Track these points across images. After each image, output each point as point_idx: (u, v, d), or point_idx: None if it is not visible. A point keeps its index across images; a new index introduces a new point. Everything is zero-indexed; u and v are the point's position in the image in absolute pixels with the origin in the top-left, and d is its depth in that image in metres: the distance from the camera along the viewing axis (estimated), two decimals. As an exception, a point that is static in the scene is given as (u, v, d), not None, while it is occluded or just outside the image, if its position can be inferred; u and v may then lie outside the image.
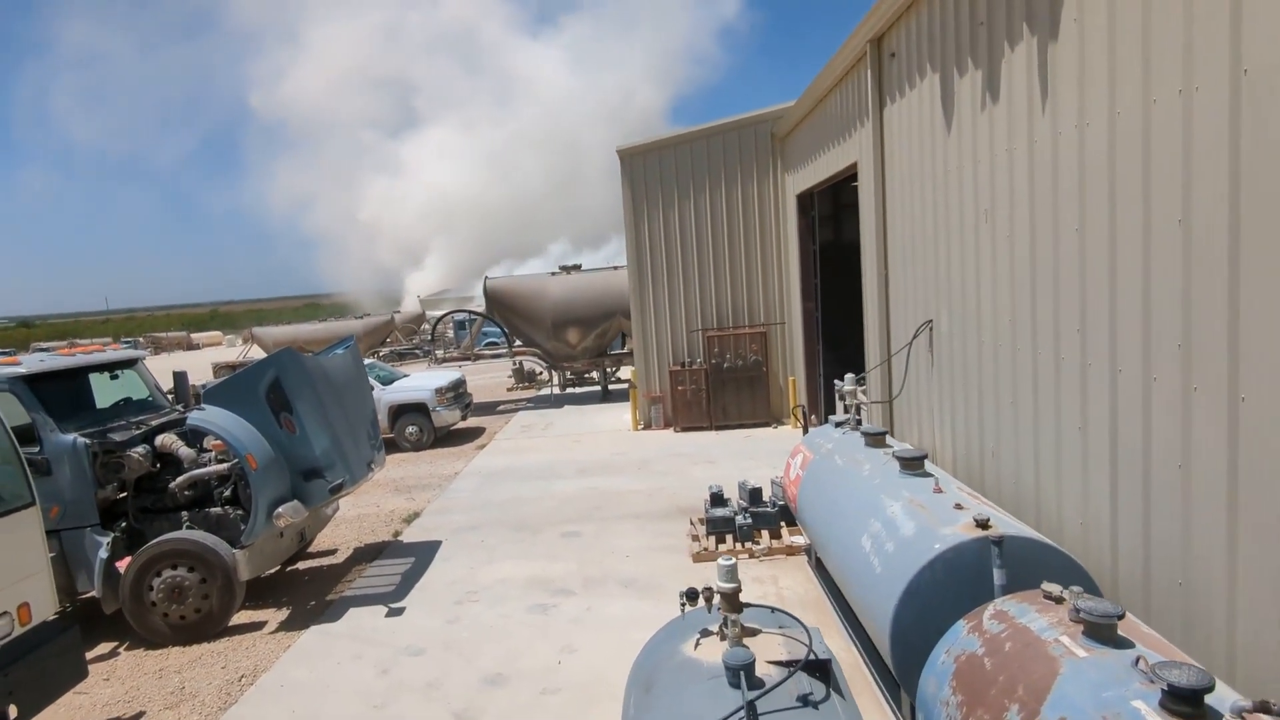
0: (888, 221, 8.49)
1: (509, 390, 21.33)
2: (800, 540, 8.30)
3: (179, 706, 6.31)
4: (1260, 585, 3.50)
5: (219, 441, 7.70)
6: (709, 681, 3.48)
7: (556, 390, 19.21)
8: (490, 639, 6.85)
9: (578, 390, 19.76)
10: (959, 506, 4.90)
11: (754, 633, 3.78)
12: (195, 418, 7.54)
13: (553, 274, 18.42)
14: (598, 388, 19.48)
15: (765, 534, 8.47)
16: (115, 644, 7.51)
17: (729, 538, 8.47)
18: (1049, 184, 5.10)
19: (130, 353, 8.97)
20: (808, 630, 3.72)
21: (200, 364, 32.11)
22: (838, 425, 7.39)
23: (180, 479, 7.79)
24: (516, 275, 18.88)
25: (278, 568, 8.84)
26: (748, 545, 8.27)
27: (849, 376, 7.62)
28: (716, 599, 3.88)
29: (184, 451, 7.92)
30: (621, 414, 16.80)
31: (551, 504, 10.65)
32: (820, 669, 3.54)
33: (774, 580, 7.55)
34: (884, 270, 8.61)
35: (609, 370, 19.08)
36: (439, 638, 6.96)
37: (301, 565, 9.26)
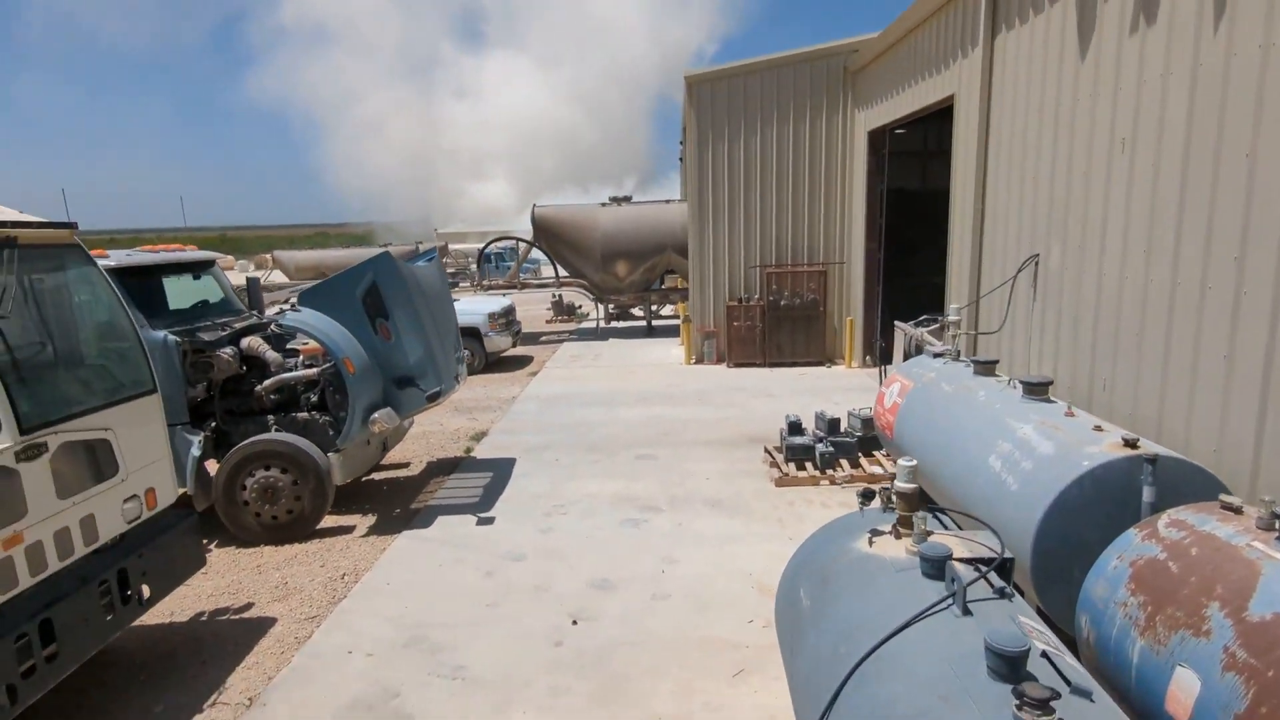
0: (989, 156, 8.35)
1: (547, 322, 21.35)
2: (880, 470, 8.38)
3: (287, 599, 6.45)
4: None
5: (312, 345, 7.71)
6: (899, 574, 3.53)
7: (603, 324, 19.19)
8: (588, 549, 6.97)
9: (620, 325, 19.74)
10: (1099, 428, 4.94)
11: (928, 533, 3.84)
12: (291, 318, 7.55)
13: (603, 205, 18.26)
14: (641, 323, 19.46)
15: (845, 463, 8.55)
16: (205, 540, 7.64)
17: (809, 465, 8.56)
18: (1215, 109, 4.98)
19: (209, 254, 8.93)
20: (992, 530, 3.78)
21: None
22: (936, 355, 7.40)
23: (268, 382, 7.82)
24: (566, 204, 18.67)
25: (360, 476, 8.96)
26: (829, 473, 8.36)
27: (952, 308, 7.59)
28: (894, 499, 3.95)
29: (270, 355, 7.93)
30: (669, 349, 16.83)
31: (619, 428, 10.74)
32: (1003, 567, 3.60)
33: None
34: (980, 206, 8.50)
35: (654, 306, 19.02)
36: (536, 546, 7.09)
37: (377, 476, 9.38)
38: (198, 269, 8.52)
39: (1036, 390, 5.68)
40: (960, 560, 3.61)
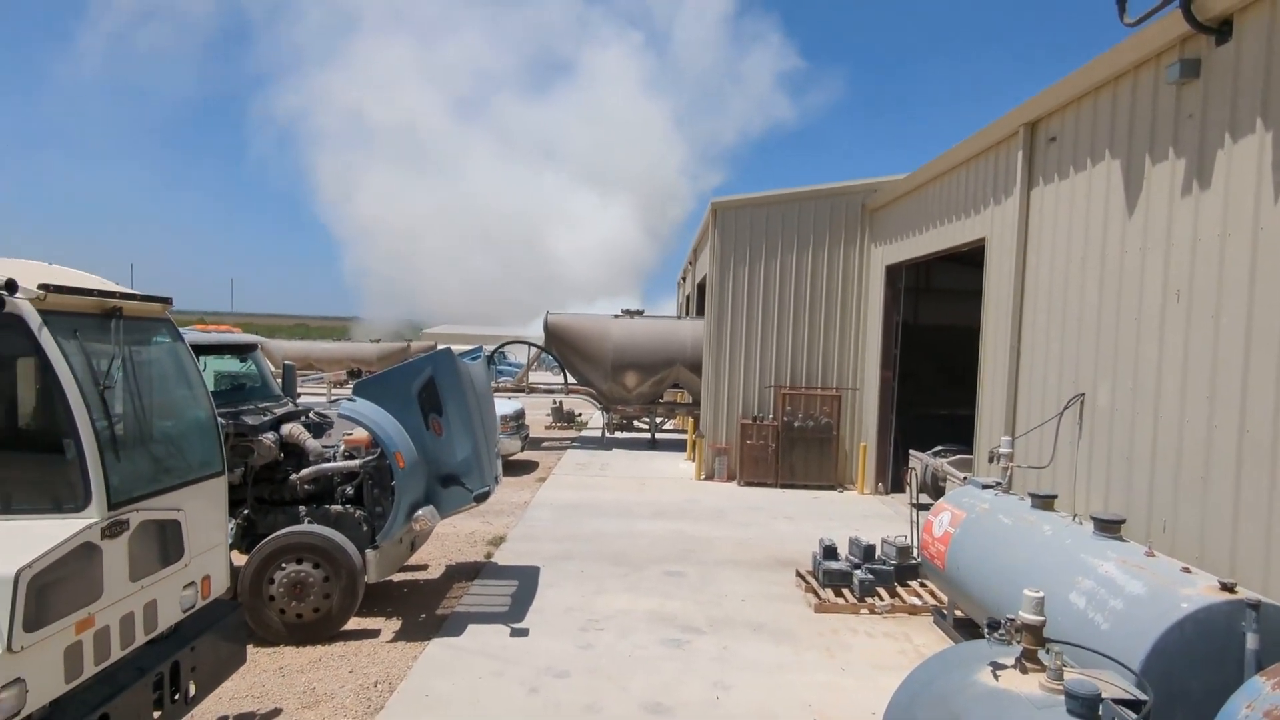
0: (1025, 297, 8.74)
1: (546, 429, 21.22)
2: (919, 601, 8.25)
3: (318, 707, 6.06)
4: None
5: (356, 436, 7.58)
6: (1042, 712, 3.46)
7: (607, 433, 19.15)
8: (634, 668, 6.69)
9: (622, 435, 19.69)
10: (1187, 570, 4.97)
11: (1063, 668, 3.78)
12: (347, 409, 7.45)
13: (615, 316, 18.60)
14: (643, 434, 19.45)
15: (883, 591, 8.42)
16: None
17: (846, 591, 8.41)
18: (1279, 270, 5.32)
19: (253, 337, 8.90)
20: (1129, 669, 3.74)
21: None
22: (985, 487, 7.47)
23: (305, 471, 7.62)
24: (578, 313, 18.97)
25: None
26: (868, 601, 8.21)
27: (1004, 440, 7.73)
28: (1021, 632, 3.90)
29: (311, 443, 7.77)
30: (675, 463, 16.76)
31: (641, 542, 10.53)
32: (1141, 708, 3.55)
33: (906, 637, 7.49)
34: (1016, 343, 8.82)
35: (658, 419, 19.08)
36: (578, 662, 6.79)
37: (396, 578, 9.01)
38: (243, 351, 8.46)
39: (1109, 528, 5.73)
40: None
